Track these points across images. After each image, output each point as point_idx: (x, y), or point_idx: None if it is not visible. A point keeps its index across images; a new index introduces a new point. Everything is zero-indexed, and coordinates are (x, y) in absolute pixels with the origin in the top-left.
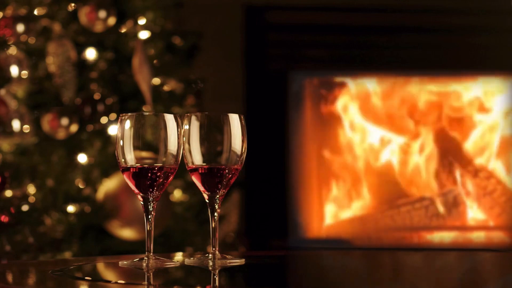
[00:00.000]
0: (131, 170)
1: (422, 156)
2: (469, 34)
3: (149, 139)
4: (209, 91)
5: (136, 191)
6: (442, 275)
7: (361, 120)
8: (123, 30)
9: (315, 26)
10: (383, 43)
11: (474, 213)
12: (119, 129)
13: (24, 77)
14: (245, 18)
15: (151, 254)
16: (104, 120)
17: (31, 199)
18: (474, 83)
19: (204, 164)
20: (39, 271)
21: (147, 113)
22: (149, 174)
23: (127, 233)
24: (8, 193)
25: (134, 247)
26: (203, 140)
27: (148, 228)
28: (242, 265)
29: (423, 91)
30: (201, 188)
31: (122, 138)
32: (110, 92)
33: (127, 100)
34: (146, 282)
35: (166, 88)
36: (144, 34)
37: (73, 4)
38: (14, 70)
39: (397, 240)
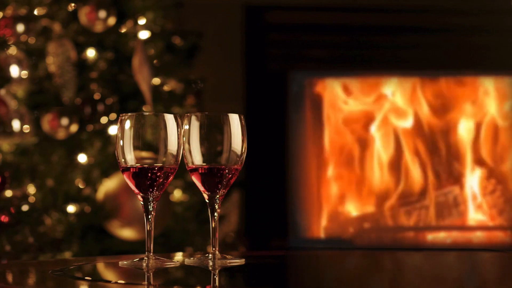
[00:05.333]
0: (131, 170)
1: (422, 156)
2: (469, 34)
3: (149, 139)
4: (209, 91)
5: (136, 191)
6: (442, 275)
7: (361, 120)
8: (123, 30)
9: (315, 26)
10: (383, 43)
11: (474, 213)
12: (119, 129)
13: (24, 77)
14: (245, 18)
15: (151, 254)
16: (104, 120)
17: (31, 199)
18: (474, 83)
19: (204, 164)
20: (39, 271)
21: (147, 113)
22: (149, 174)
23: (127, 233)
24: (8, 193)
25: (134, 247)
26: (203, 140)
27: (148, 228)
28: (242, 265)
29: (423, 90)
30: (201, 188)
31: (122, 138)
32: (110, 92)
33: (127, 100)
34: (146, 282)
35: (166, 88)
36: (144, 34)
37: (73, 4)
38: (14, 70)
39: (397, 240)
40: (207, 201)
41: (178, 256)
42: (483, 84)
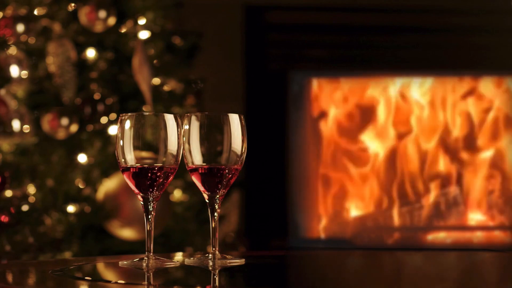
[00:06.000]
0: (131, 170)
1: (422, 156)
2: (469, 34)
3: (149, 139)
4: (209, 91)
5: (136, 191)
6: (442, 275)
7: (360, 119)
8: (123, 30)
9: (315, 26)
10: (383, 43)
11: (474, 213)
12: (119, 129)
13: (24, 77)
14: (245, 18)
15: (151, 254)
16: (104, 120)
17: (31, 199)
18: (474, 83)
19: (204, 164)
20: (39, 271)
21: (147, 113)
22: (149, 174)
23: (127, 233)
24: (8, 193)
25: (134, 247)
26: (203, 140)
27: (148, 228)
28: (242, 265)
29: (422, 90)
30: (201, 188)
31: (122, 138)
32: (110, 92)
33: (127, 100)
34: (146, 282)
35: (166, 88)
36: (144, 34)
37: (73, 4)
38: (14, 70)
39: (397, 240)
40: (207, 201)
41: (178, 256)
42: (483, 83)
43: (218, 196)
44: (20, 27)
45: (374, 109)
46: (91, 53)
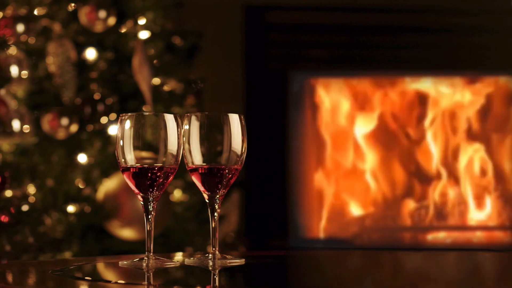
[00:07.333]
0: (131, 170)
1: (422, 156)
2: (469, 34)
3: (149, 139)
4: (209, 91)
5: (136, 191)
6: (442, 275)
7: (360, 119)
8: (123, 30)
9: (315, 26)
10: (383, 43)
11: (474, 213)
12: (119, 129)
13: (24, 77)
14: (245, 18)
15: (151, 254)
16: (104, 120)
17: (31, 199)
18: (474, 83)
19: (204, 164)
20: (39, 271)
21: (147, 113)
22: (149, 174)
23: (127, 233)
24: (8, 193)
25: (134, 247)
26: (203, 140)
27: (148, 228)
28: (242, 265)
29: (422, 89)
30: (201, 188)
31: (122, 138)
32: (110, 92)
33: (127, 100)
34: (146, 282)
35: (166, 88)
36: (144, 34)
37: (73, 4)
38: (14, 70)
39: (397, 240)
40: (207, 201)
41: (178, 256)
42: (484, 83)
43: (218, 196)
44: (20, 27)
45: (375, 109)
46: (91, 53)
